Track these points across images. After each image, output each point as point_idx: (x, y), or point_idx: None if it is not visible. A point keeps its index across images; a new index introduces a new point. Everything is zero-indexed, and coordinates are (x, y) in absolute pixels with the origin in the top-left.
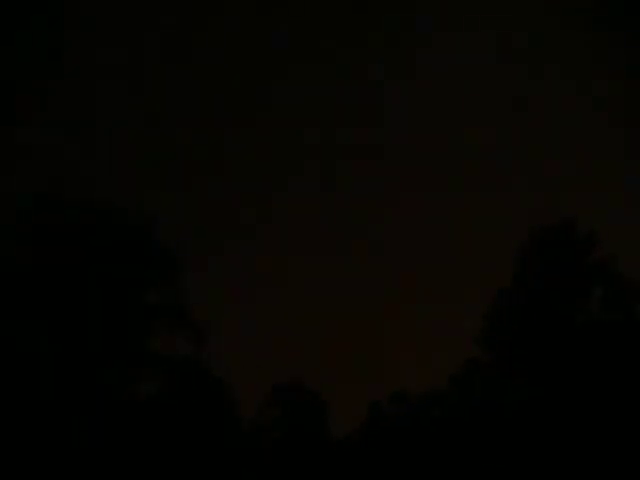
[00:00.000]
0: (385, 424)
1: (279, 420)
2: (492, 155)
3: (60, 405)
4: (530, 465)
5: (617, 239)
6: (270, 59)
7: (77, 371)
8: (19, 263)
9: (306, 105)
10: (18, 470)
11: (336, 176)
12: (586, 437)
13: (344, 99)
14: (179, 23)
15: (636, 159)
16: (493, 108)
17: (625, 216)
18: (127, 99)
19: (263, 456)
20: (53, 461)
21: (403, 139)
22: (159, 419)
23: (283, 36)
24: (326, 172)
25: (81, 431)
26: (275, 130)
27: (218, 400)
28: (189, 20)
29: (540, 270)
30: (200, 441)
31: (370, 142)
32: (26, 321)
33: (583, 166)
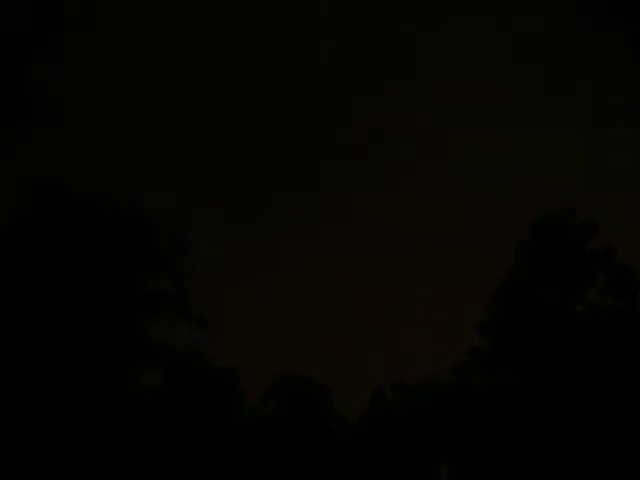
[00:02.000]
0: (389, 411)
1: (282, 409)
2: (492, 154)
3: (61, 395)
4: (536, 458)
5: (615, 229)
6: (271, 56)
7: (78, 360)
8: (18, 251)
9: (306, 103)
10: (16, 460)
11: (336, 174)
12: (587, 425)
13: (344, 99)
14: (178, 21)
15: (636, 157)
16: (493, 107)
17: (623, 207)
18: (127, 95)
19: (267, 444)
20: (52, 452)
21: (403, 138)
22: (161, 409)
23: (283, 36)
24: (325, 170)
25: (82, 421)
26: (275, 128)
27: (221, 390)
28: (188, 18)
29: (541, 259)
30: (203, 430)
31: (370, 141)
32: (25, 310)
33: (583, 163)
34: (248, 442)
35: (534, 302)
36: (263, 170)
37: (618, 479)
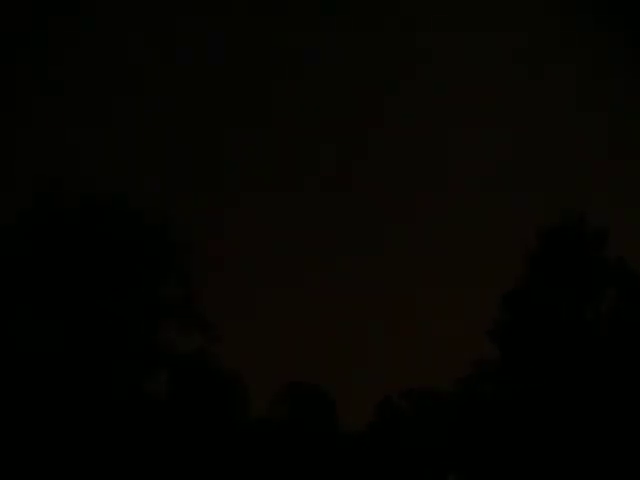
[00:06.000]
0: (396, 420)
1: (289, 417)
2: (493, 154)
3: (67, 397)
4: (546, 468)
5: (621, 237)
6: (276, 58)
7: (85, 368)
8: (24, 260)
9: (309, 104)
10: (25, 467)
11: (336, 176)
12: (596, 434)
13: (346, 102)
14: (179, 21)
15: (637, 158)
16: (494, 108)
17: (629, 214)
18: (128, 92)
19: (273, 451)
20: (61, 458)
21: (406, 139)
22: (168, 415)
23: (283, 36)
24: (326, 172)
25: (89, 427)
26: (275, 129)
27: (228, 396)
28: (189, 19)
29: (550, 267)
30: (209, 437)
31: (372, 142)
32: (33, 318)
33: (584, 165)
34: (255, 447)
35: (543, 310)
36: (268, 170)
37: None
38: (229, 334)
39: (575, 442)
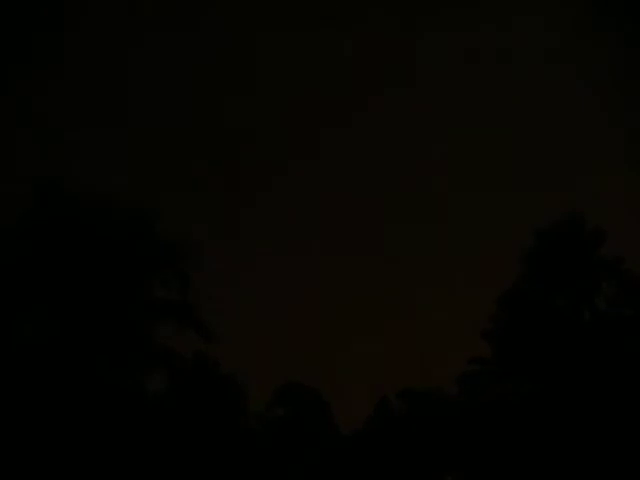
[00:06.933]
0: (394, 420)
1: (286, 417)
2: (492, 154)
3: (66, 398)
4: (543, 468)
5: (619, 236)
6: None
7: (82, 367)
8: (20, 259)
9: (306, 103)
10: (20, 468)
11: (336, 175)
12: (595, 434)
13: (344, 100)
14: (175, 21)
15: (636, 158)
16: (493, 108)
17: (627, 213)
18: (124, 94)
19: (271, 451)
20: (59, 458)
21: (403, 138)
22: (165, 416)
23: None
24: (326, 170)
25: (87, 424)
26: (274, 129)
27: (226, 397)
28: (184, 18)
29: (548, 267)
30: (207, 437)
31: (370, 141)
32: (29, 317)
33: (584, 165)
34: (253, 448)
35: (540, 309)
36: (268, 170)
37: None
38: (227, 334)
39: (573, 441)
